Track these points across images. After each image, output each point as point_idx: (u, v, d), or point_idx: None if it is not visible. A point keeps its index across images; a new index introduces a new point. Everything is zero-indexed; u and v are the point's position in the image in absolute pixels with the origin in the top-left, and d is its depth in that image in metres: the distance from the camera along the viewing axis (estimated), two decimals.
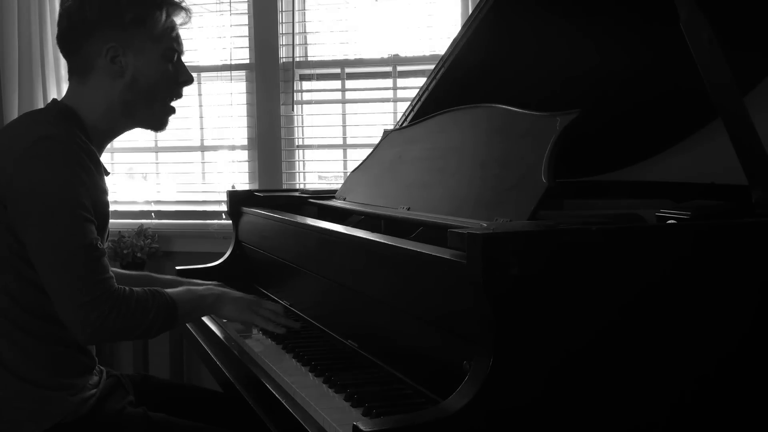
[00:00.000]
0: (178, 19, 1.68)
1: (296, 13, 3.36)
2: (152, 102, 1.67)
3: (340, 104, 3.39)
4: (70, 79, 1.66)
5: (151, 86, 1.64)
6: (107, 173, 1.64)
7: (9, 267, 1.51)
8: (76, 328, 1.46)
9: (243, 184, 3.45)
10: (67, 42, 1.65)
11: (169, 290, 1.59)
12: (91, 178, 1.52)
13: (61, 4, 1.66)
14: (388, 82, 3.32)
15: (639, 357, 1.16)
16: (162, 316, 1.53)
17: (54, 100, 1.69)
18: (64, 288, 1.45)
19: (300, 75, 3.39)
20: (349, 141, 3.39)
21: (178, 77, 1.68)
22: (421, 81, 2.30)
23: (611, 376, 1.14)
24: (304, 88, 3.41)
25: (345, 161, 3.40)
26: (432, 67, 2.13)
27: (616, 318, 1.15)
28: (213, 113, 3.51)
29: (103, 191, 1.58)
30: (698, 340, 1.20)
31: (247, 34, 3.42)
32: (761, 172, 1.34)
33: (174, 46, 1.67)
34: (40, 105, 3.33)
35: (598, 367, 1.13)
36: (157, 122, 1.70)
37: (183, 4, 1.68)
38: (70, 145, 1.51)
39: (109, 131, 1.67)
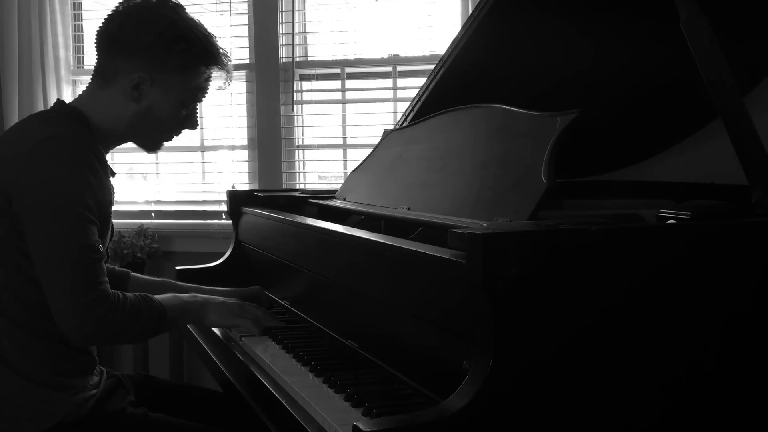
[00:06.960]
0: (218, 82, 1.72)
1: (296, 13, 3.36)
2: (155, 133, 1.70)
3: (340, 104, 3.39)
4: (92, 79, 1.66)
5: (160, 121, 1.67)
6: (113, 174, 1.65)
7: (12, 264, 1.52)
8: (71, 328, 1.46)
9: (243, 184, 3.44)
10: (106, 44, 1.64)
11: (157, 296, 1.60)
12: (97, 179, 1.53)
13: (121, 4, 1.64)
14: (388, 82, 3.31)
15: (639, 357, 1.16)
16: (153, 321, 1.55)
17: (60, 101, 1.69)
18: (64, 287, 1.45)
19: (300, 75, 3.39)
20: (349, 141, 3.38)
21: (185, 121, 1.71)
22: (421, 81, 2.29)
23: (611, 376, 1.14)
24: (304, 88, 3.41)
25: (345, 161, 3.40)
26: (432, 67, 2.13)
27: (616, 318, 1.15)
28: (213, 113, 3.50)
29: (109, 192, 1.59)
30: (698, 340, 1.20)
31: (247, 34, 3.41)
32: (761, 172, 1.34)
33: (198, 97, 1.70)
34: (40, 105, 3.33)
35: (598, 367, 1.14)
36: (152, 147, 1.75)
37: (229, 67, 1.71)
38: (77, 145, 1.52)
39: (112, 138, 1.68)
